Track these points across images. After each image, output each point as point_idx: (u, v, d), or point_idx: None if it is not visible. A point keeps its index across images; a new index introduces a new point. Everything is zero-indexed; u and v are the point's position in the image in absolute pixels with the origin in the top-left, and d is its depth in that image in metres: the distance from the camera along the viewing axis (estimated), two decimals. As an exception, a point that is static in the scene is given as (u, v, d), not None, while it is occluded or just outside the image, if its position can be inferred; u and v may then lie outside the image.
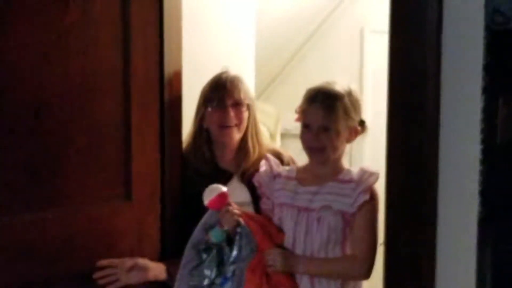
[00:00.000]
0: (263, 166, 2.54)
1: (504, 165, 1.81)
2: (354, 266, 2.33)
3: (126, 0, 2.38)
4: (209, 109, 2.61)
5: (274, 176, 2.50)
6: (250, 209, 2.58)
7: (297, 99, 4.21)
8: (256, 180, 2.54)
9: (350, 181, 2.37)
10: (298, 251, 2.37)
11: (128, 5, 2.39)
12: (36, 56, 2.22)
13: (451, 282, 1.81)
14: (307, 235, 2.36)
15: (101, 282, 2.41)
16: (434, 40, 1.78)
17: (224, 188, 2.40)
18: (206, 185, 2.45)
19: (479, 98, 1.75)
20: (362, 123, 2.44)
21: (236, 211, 2.37)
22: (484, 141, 1.74)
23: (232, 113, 2.58)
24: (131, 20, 2.40)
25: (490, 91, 1.75)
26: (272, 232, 2.41)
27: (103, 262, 2.42)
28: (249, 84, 2.75)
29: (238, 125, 2.61)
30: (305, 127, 2.41)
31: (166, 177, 2.57)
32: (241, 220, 2.36)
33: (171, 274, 2.52)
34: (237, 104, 2.60)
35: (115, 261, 2.44)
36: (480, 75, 1.74)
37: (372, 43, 4.22)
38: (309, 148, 2.41)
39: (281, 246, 2.39)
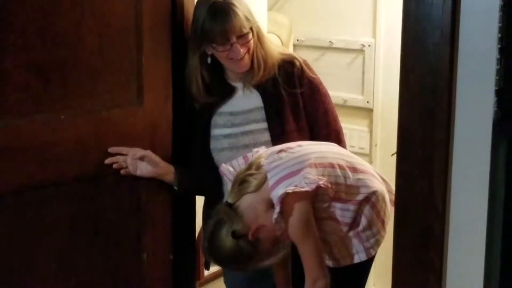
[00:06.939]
0: None
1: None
2: None
3: None
4: (213, 46, 2.48)
5: None
6: (260, 114, 2.57)
7: (310, 9, 4.15)
8: None
9: None
10: None
11: None
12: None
13: (464, 183, 1.80)
14: None
15: (115, 166, 2.42)
16: None
17: None
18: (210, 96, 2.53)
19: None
20: None
21: None
22: (502, 40, 1.71)
23: (239, 46, 2.46)
24: None
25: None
26: None
27: (114, 148, 2.42)
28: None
29: (248, 52, 2.51)
30: None
31: (178, 82, 2.55)
32: None
33: (179, 179, 2.54)
34: (243, 35, 2.48)
35: (126, 148, 2.44)
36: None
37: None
38: None
39: None
